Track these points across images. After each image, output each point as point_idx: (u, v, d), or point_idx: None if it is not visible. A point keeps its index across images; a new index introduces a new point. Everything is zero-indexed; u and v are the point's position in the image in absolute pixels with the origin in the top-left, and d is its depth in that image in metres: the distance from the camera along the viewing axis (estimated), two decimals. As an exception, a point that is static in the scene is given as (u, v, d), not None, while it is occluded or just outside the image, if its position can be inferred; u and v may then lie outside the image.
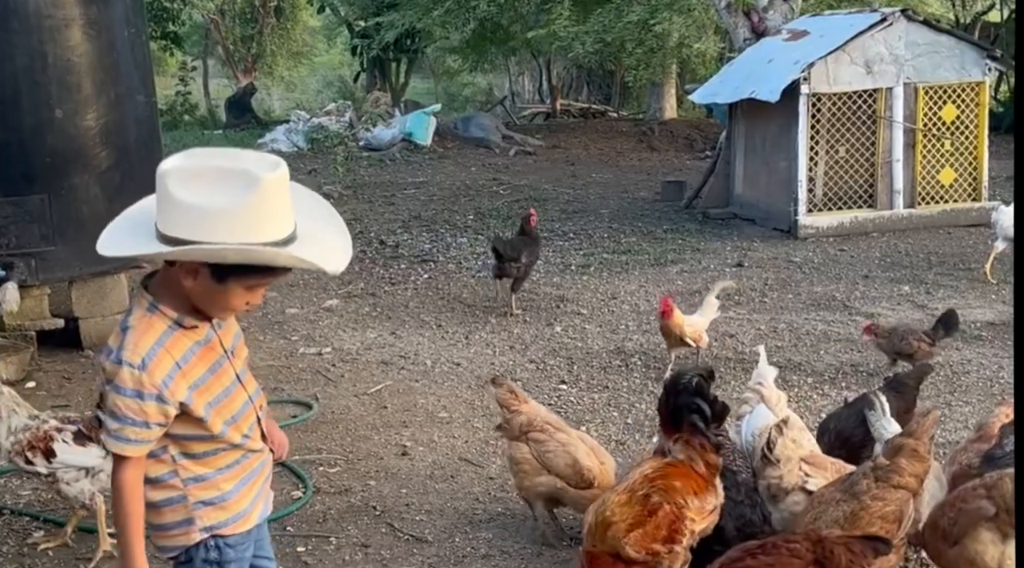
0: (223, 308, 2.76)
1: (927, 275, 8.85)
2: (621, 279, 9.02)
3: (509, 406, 4.62)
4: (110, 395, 2.65)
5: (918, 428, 3.79)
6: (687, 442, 3.73)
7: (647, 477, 3.62)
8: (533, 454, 4.47)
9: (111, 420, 2.67)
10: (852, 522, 3.64)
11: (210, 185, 2.57)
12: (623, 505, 3.56)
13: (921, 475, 3.74)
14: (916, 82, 10.63)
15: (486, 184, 14.25)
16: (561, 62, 25.49)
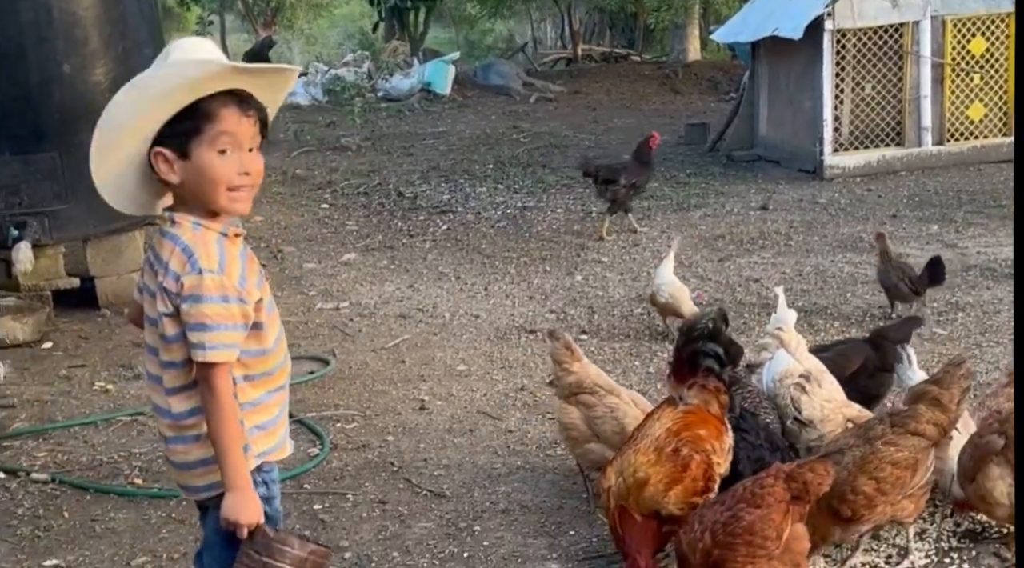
0: (219, 186, 2.64)
1: (956, 213, 8.67)
2: (643, 225, 8.87)
3: (562, 363, 4.38)
4: (195, 308, 2.60)
5: (945, 377, 3.65)
6: (702, 386, 3.63)
7: (671, 431, 3.52)
8: (582, 418, 4.29)
9: (201, 332, 2.61)
10: (860, 467, 3.53)
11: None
12: (654, 464, 3.46)
13: (943, 424, 3.59)
14: (944, 15, 10.37)
15: (506, 132, 14.08)
16: (583, 6, 25.14)
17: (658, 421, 3.57)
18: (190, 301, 2.61)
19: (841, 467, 3.54)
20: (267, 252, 8.54)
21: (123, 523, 4.30)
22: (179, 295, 2.62)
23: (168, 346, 2.69)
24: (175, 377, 2.72)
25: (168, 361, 2.71)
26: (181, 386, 2.72)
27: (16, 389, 5.84)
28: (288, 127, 14.02)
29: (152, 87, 2.59)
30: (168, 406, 2.74)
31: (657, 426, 3.55)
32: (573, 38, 25.10)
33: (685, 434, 3.51)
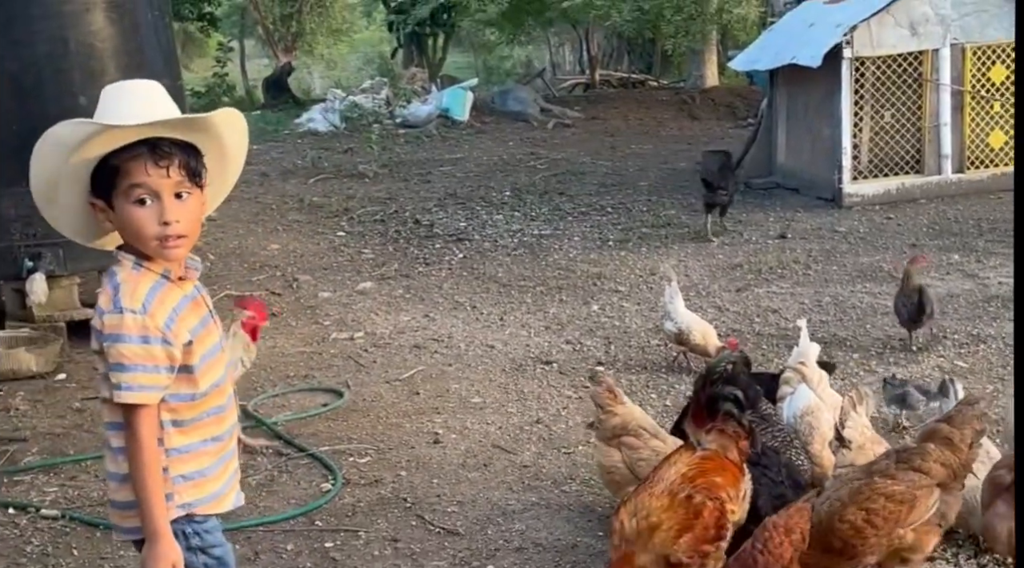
0: (143, 235, 2.65)
1: (977, 243, 8.58)
2: (660, 254, 8.82)
3: (604, 406, 4.37)
4: (113, 348, 2.60)
5: (957, 416, 3.60)
6: (721, 431, 3.59)
7: (685, 476, 3.47)
8: (624, 461, 4.26)
9: (119, 372, 2.61)
10: (853, 498, 3.48)
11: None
12: (667, 509, 3.41)
13: (953, 465, 3.52)
14: (963, 42, 10.30)
15: (523, 159, 14.05)
16: (601, 32, 25.15)
17: (674, 466, 3.52)
18: (110, 340, 2.61)
19: (835, 498, 3.51)
20: (282, 281, 8.52)
21: (132, 561, 4.24)
22: (101, 333, 2.63)
23: (101, 384, 2.71)
24: (109, 413, 2.72)
25: (104, 398, 2.70)
26: (115, 423, 2.71)
27: (29, 421, 5.82)
28: (306, 154, 14.04)
29: (60, 145, 2.62)
30: (107, 441, 2.75)
31: (673, 471, 3.51)
32: (591, 63, 25.11)
33: (700, 481, 3.46)
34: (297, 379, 6.42)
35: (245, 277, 8.61)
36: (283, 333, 7.27)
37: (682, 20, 17.47)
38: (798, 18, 11.27)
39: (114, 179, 2.64)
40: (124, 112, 2.63)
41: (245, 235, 10.06)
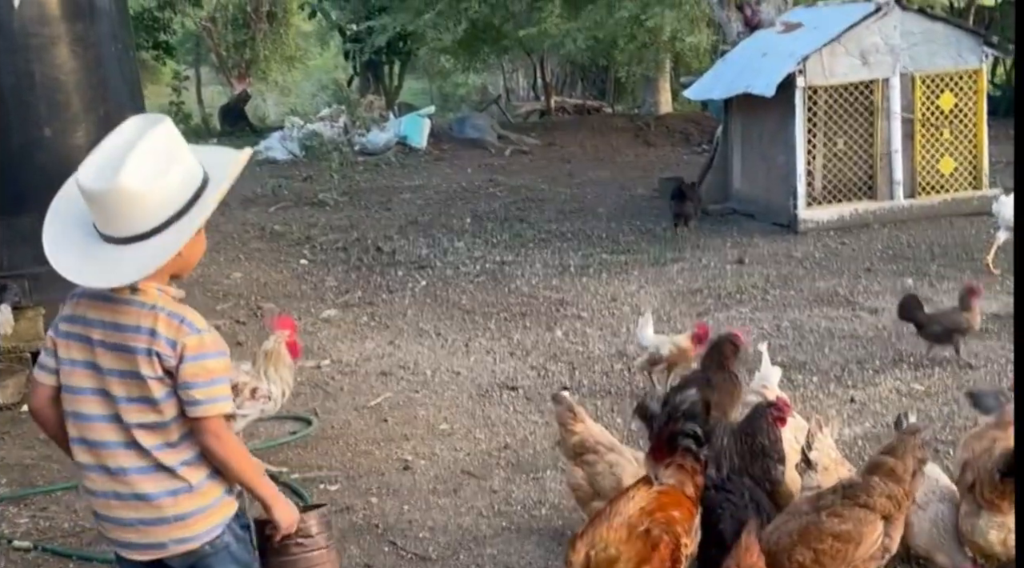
0: (195, 260, 3.06)
1: (930, 267, 8.77)
2: (621, 280, 8.94)
3: (565, 425, 4.49)
4: (199, 365, 2.86)
5: (900, 445, 3.69)
6: (679, 466, 3.66)
7: (644, 510, 3.52)
8: (586, 477, 4.38)
9: (208, 387, 2.87)
10: (801, 537, 3.58)
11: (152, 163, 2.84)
12: (625, 542, 3.46)
13: (898, 496, 3.63)
14: (913, 71, 10.54)
15: (482, 185, 14.17)
16: (555, 59, 25.37)
17: (632, 500, 3.57)
18: (196, 359, 2.86)
19: (784, 533, 3.59)
20: (246, 309, 8.55)
21: (107, 592, 4.29)
22: (180, 357, 2.84)
23: (156, 406, 2.87)
24: (165, 433, 2.90)
25: (154, 422, 2.88)
26: (173, 442, 2.91)
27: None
28: (265, 182, 14.04)
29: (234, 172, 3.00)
30: (157, 463, 2.90)
31: (631, 505, 3.56)
32: (546, 90, 25.32)
33: (658, 514, 3.53)
34: (265, 407, 6.44)
35: (208, 306, 8.60)
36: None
37: (635, 48, 17.70)
38: (751, 47, 11.46)
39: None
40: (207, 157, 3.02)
41: (207, 264, 10.05)
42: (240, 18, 29.48)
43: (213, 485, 2.97)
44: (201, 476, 2.95)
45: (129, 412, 2.88)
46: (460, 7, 17.87)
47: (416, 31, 19.57)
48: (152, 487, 2.92)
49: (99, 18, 6.99)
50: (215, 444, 2.90)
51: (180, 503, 2.94)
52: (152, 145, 2.84)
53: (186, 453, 2.92)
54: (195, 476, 2.93)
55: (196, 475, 2.94)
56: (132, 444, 2.90)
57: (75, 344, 2.93)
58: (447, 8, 18.04)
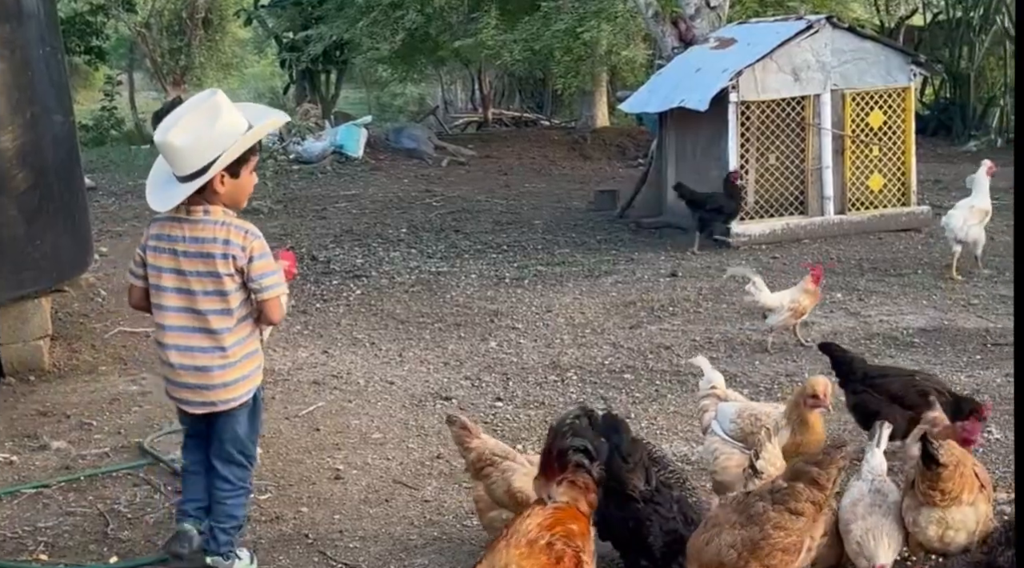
0: (246, 195, 4.21)
1: (859, 282, 8.91)
2: (555, 291, 8.98)
3: (463, 444, 4.51)
4: (265, 261, 4.11)
5: (825, 459, 3.75)
6: (571, 483, 3.65)
7: (542, 525, 3.49)
8: (485, 489, 4.39)
9: (272, 275, 4.14)
10: (751, 551, 3.63)
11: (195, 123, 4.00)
12: (527, 557, 3.41)
13: (820, 503, 3.71)
14: (843, 89, 10.72)
15: (419, 196, 14.16)
16: (493, 71, 25.45)
17: (528, 518, 3.54)
18: (263, 257, 4.10)
19: (728, 546, 3.63)
20: (177, 317, 8.43)
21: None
22: (250, 257, 4.05)
23: (225, 298, 4.08)
24: (229, 319, 4.10)
25: (223, 308, 4.09)
26: (231, 326, 4.11)
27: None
28: (198, 189, 13.90)
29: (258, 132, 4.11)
30: (218, 344, 4.10)
31: (529, 522, 3.53)
32: (483, 102, 25.39)
33: (558, 528, 3.51)
34: (194, 416, 6.37)
35: (139, 313, 8.49)
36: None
37: (571, 61, 17.78)
38: (686, 63, 11.58)
39: (249, 156, 4.10)
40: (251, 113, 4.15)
41: (138, 271, 9.93)
42: (176, 24, 29.26)
43: (250, 361, 4.20)
44: (243, 354, 4.16)
45: (205, 302, 4.07)
46: (396, 16, 17.84)
47: (352, 40, 19.52)
48: (209, 361, 4.11)
49: (27, 21, 6.85)
50: (273, 316, 4.20)
51: (227, 374, 4.13)
52: (197, 111, 4.01)
53: (238, 334, 4.12)
54: (239, 354, 4.14)
55: (240, 353, 4.14)
56: (202, 329, 4.09)
57: (163, 255, 4.11)
58: (383, 17, 18.00)
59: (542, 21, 16.98)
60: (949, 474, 3.84)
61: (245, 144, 4.00)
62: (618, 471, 4.05)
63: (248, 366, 4.18)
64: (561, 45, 17.16)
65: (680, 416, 6.07)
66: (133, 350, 7.63)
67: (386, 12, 17.92)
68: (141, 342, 7.81)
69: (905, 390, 5.10)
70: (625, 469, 4.05)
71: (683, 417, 6.04)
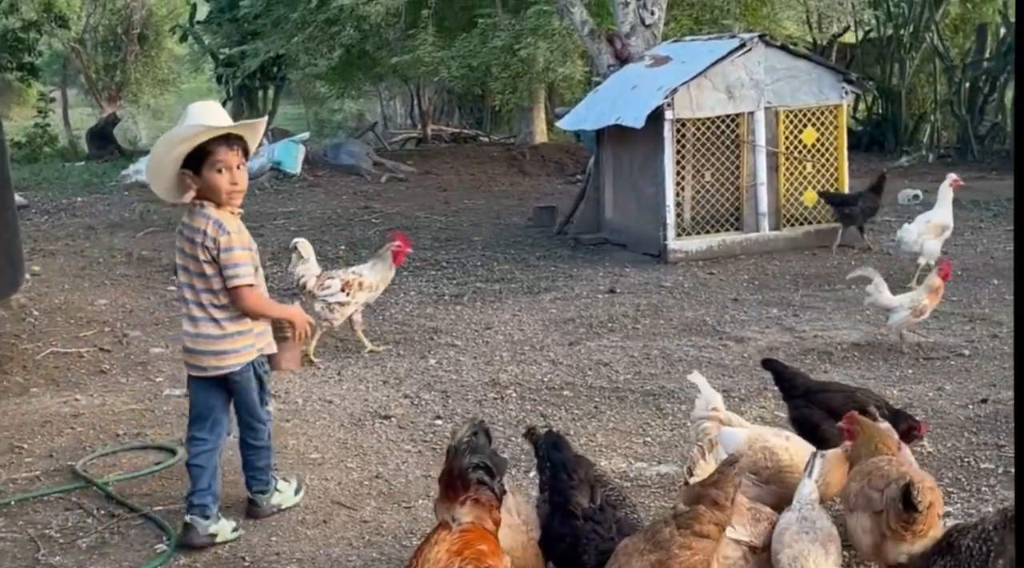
0: (219, 191, 4.68)
1: (794, 297, 9.01)
2: (495, 308, 8.99)
3: None
4: (230, 255, 4.66)
5: (720, 478, 3.80)
6: (475, 501, 3.65)
7: (451, 552, 3.46)
8: None
9: (235, 268, 4.69)
10: None
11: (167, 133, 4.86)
12: None
13: (722, 524, 3.75)
14: (776, 106, 10.86)
15: (357, 213, 14.11)
16: (431, 87, 25.46)
17: (436, 545, 3.50)
18: (228, 251, 4.65)
19: None
20: (111, 337, 8.35)
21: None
22: (217, 248, 4.64)
23: (208, 280, 4.71)
24: (215, 297, 4.74)
25: (207, 288, 4.72)
26: (220, 304, 4.75)
27: None
28: (134, 207, 13.76)
29: (173, 142, 4.65)
30: (210, 316, 4.75)
31: (437, 549, 3.48)
32: (422, 118, 25.38)
33: (467, 552, 3.48)
34: (128, 437, 6.30)
35: (72, 333, 8.40)
36: (112, 390, 7.14)
37: (509, 78, 17.83)
38: (622, 80, 11.67)
39: (204, 158, 4.62)
40: (211, 120, 4.68)
41: (71, 290, 9.81)
42: (111, 40, 28.95)
43: (241, 337, 4.81)
44: (234, 329, 4.78)
45: (197, 281, 4.73)
46: (332, 32, 17.79)
47: (289, 56, 19.43)
48: (206, 330, 4.77)
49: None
50: (242, 303, 4.74)
51: (219, 343, 4.78)
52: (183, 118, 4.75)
53: (229, 311, 4.75)
54: (230, 327, 4.78)
55: (231, 327, 4.78)
56: (199, 303, 4.75)
57: (178, 238, 4.80)
58: (319, 33, 17.93)
59: (479, 38, 17.04)
60: (923, 517, 3.92)
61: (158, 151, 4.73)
62: (562, 487, 4.06)
63: (239, 341, 4.80)
64: (498, 62, 17.23)
65: (619, 433, 6.09)
66: (65, 371, 7.52)
67: (322, 28, 17.85)
68: (74, 363, 7.71)
69: (845, 405, 5.18)
70: (569, 485, 4.06)
71: (622, 434, 6.07)
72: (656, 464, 5.63)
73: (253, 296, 4.76)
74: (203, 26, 24.83)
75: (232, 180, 4.68)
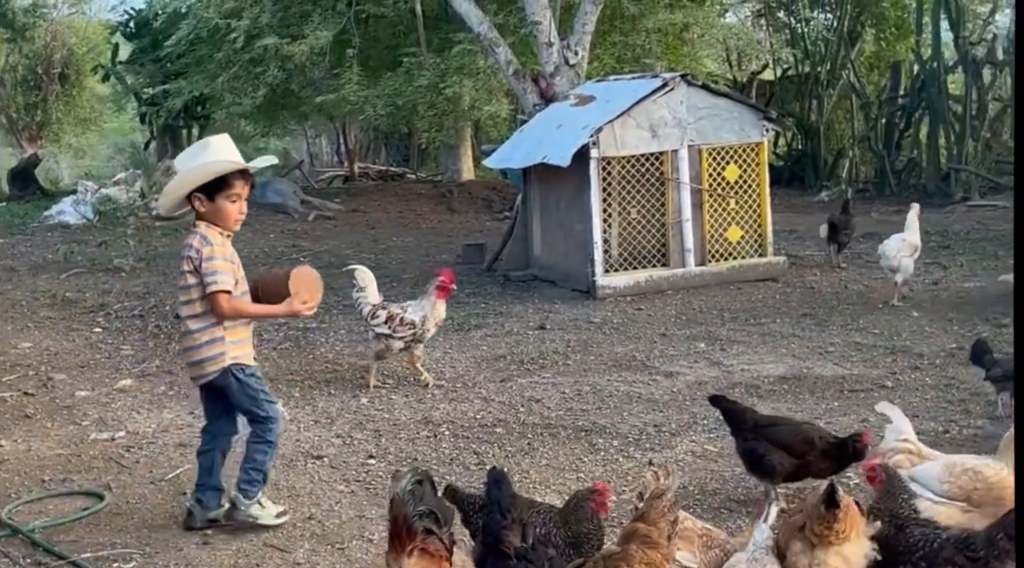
0: (228, 218, 5.24)
1: (721, 331, 9.14)
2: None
3: None
4: (209, 264, 5.12)
5: (651, 512, 3.79)
6: (423, 551, 3.65)
7: None
8: None
9: (213, 275, 5.12)
10: None
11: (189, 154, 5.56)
12: None
13: (656, 563, 3.70)
14: (699, 144, 11.03)
15: (285, 251, 14.05)
16: (357, 125, 25.45)
17: None
18: (209, 260, 5.12)
19: None
20: (35, 380, 8.23)
21: None
22: (199, 258, 5.12)
23: (189, 290, 5.19)
24: (193, 307, 5.21)
25: (187, 299, 5.21)
26: (196, 313, 5.21)
27: None
28: (57, 248, 13.57)
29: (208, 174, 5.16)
30: (188, 328, 5.24)
31: None
32: (349, 156, 25.35)
33: None
34: (54, 483, 6.20)
35: (-7, 378, 8.24)
36: (37, 435, 7.02)
37: (435, 116, 17.92)
38: (547, 119, 11.79)
39: (221, 187, 5.17)
40: (233, 155, 5.24)
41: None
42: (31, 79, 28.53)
43: (216, 344, 5.21)
44: (207, 338, 5.21)
45: (181, 294, 5.25)
46: (256, 72, 17.75)
47: (213, 95, 19.34)
48: (186, 341, 5.30)
49: None
50: (219, 308, 5.15)
51: (197, 352, 5.26)
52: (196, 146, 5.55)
53: (204, 321, 5.19)
54: (205, 337, 5.21)
55: (205, 336, 5.21)
56: (186, 315, 5.24)
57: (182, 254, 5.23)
58: (243, 73, 17.88)
59: (405, 77, 17.11)
60: (843, 514, 3.98)
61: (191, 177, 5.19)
62: (495, 527, 4.08)
63: (213, 348, 5.21)
64: (424, 100, 17.31)
65: (552, 469, 6.13)
66: (-11, 416, 7.38)
67: (247, 68, 17.80)
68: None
69: (791, 438, 5.30)
70: (502, 525, 4.08)
71: (555, 470, 6.11)
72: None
73: (229, 301, 5.14)
74: (125, 66, 24.60)
75: (240, 209, 5.24)
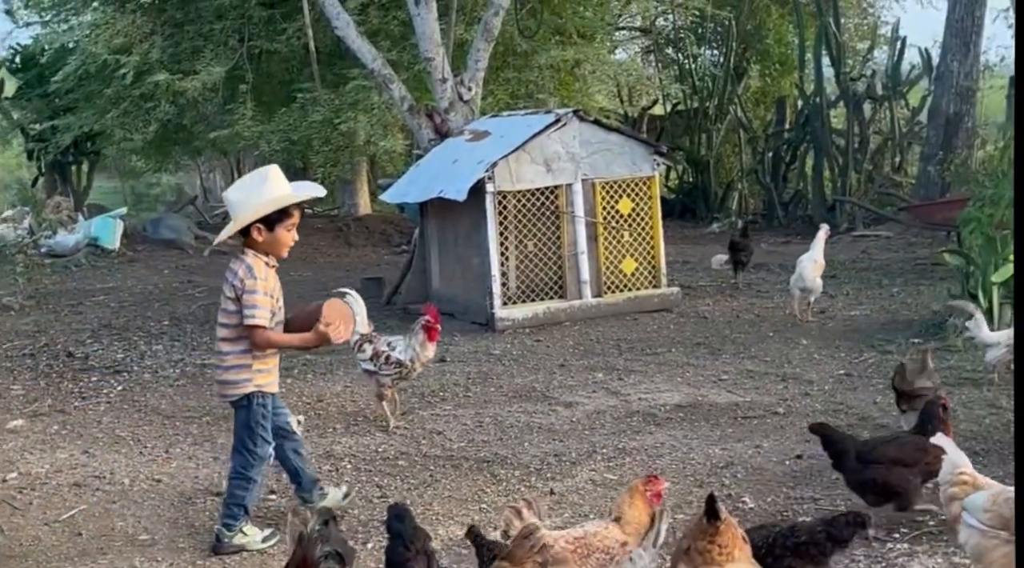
0: (285, 246, 5.51)
1: (618, 361, 9.29)
2: (326, 381, 8.98)
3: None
4: (250, 296, 5.36)
5: (516, 551, 3.88)
6: None
7: None
8: None
9: (252, 309, 5.36)
10: None
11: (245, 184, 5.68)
12: None
13: None
14: (593, 178, 11.22)
15: (180, 287, 13.89)
16: (252, 160, 25.24)
17: None
18: (251, 293, 5.35)
19: None
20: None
21: None
22: (243, 289, 5.35)
23: (229, 315, 5.44)
24: (229, 330, 5.47)
25: (225, 322, 5.46)
26: (230, 338, 5.48)
27: None
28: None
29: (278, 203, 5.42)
30: (220, 348, 5.53)
31: None
32: (243, 191, 25.06)
33: None
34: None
35: None
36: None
37: (330, 151, 17.85)
38: (443, 154, 11.88)
39: (283, 217, 5.42)
40: (287, 186, 5.51)
41: None
42: (-90, 113, 27.70)
43: (242, 370, 5.48)
44: (236, 362, 5.48)
45: (221, 315, 5.49)
46: (147, 107, 17.51)
47: (103, 131, 19.03)
48: (217, 359, 5.62)
49: None
50: (253, 340, 5.42)
51: (224, 373, 5.55)
52: (252, 177, 5.60)
53: (236, 346, 5.46)
54: (232, 361, 5.49)
55: (232, 360, 5.49)
56: (218, 337, 5.52)
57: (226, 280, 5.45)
58: (134, 108, 17.61)
59: (299, 112, 17.03)
60: (725, 528, 4.08)
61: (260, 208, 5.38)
62: (400, 559, 4.12)
63: (240, 374, 5.47)
64: (319, 135, 17.24)
65: (455, 500, 6.17)
66: None
67: (137, 103, 17.52)
68: None
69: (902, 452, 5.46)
70: (406, 556, 4.12)
71: (458, 501, 6.16)
72: (493, 530, 5.72)
73: (263, 335, 5.40)
74: (11, 101, 24.05)
75: (294, 237, 5.53)
